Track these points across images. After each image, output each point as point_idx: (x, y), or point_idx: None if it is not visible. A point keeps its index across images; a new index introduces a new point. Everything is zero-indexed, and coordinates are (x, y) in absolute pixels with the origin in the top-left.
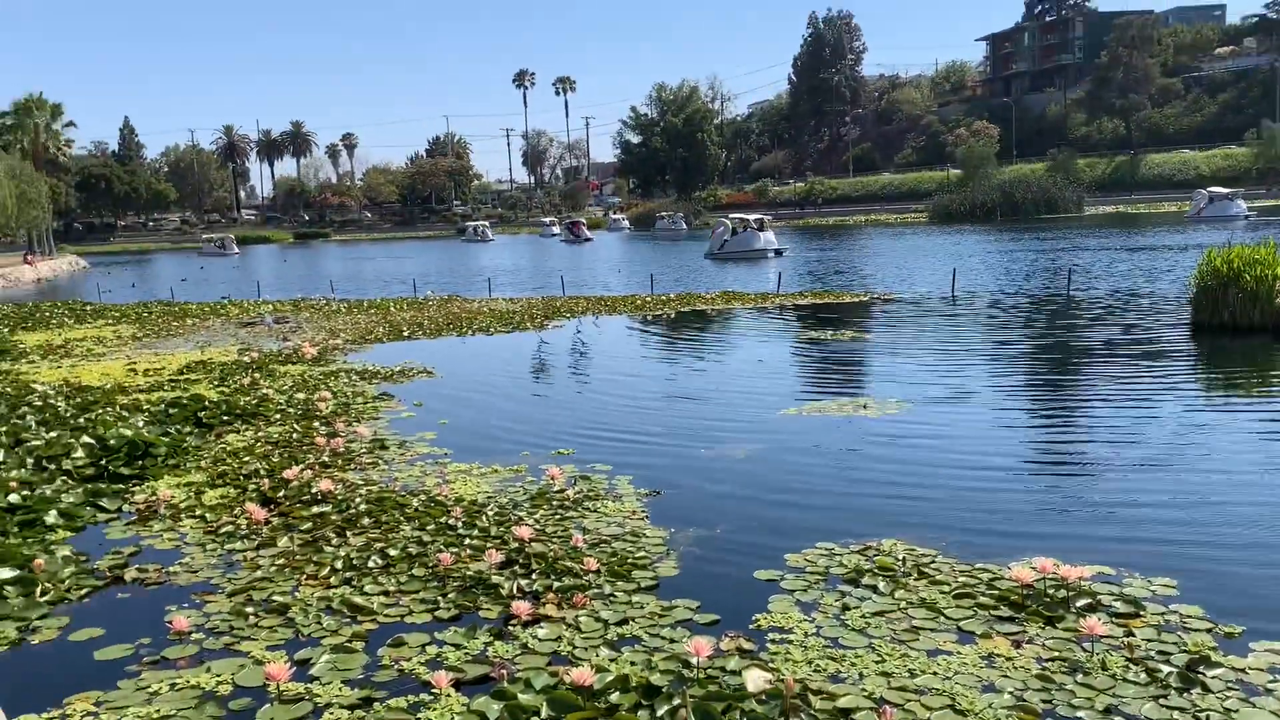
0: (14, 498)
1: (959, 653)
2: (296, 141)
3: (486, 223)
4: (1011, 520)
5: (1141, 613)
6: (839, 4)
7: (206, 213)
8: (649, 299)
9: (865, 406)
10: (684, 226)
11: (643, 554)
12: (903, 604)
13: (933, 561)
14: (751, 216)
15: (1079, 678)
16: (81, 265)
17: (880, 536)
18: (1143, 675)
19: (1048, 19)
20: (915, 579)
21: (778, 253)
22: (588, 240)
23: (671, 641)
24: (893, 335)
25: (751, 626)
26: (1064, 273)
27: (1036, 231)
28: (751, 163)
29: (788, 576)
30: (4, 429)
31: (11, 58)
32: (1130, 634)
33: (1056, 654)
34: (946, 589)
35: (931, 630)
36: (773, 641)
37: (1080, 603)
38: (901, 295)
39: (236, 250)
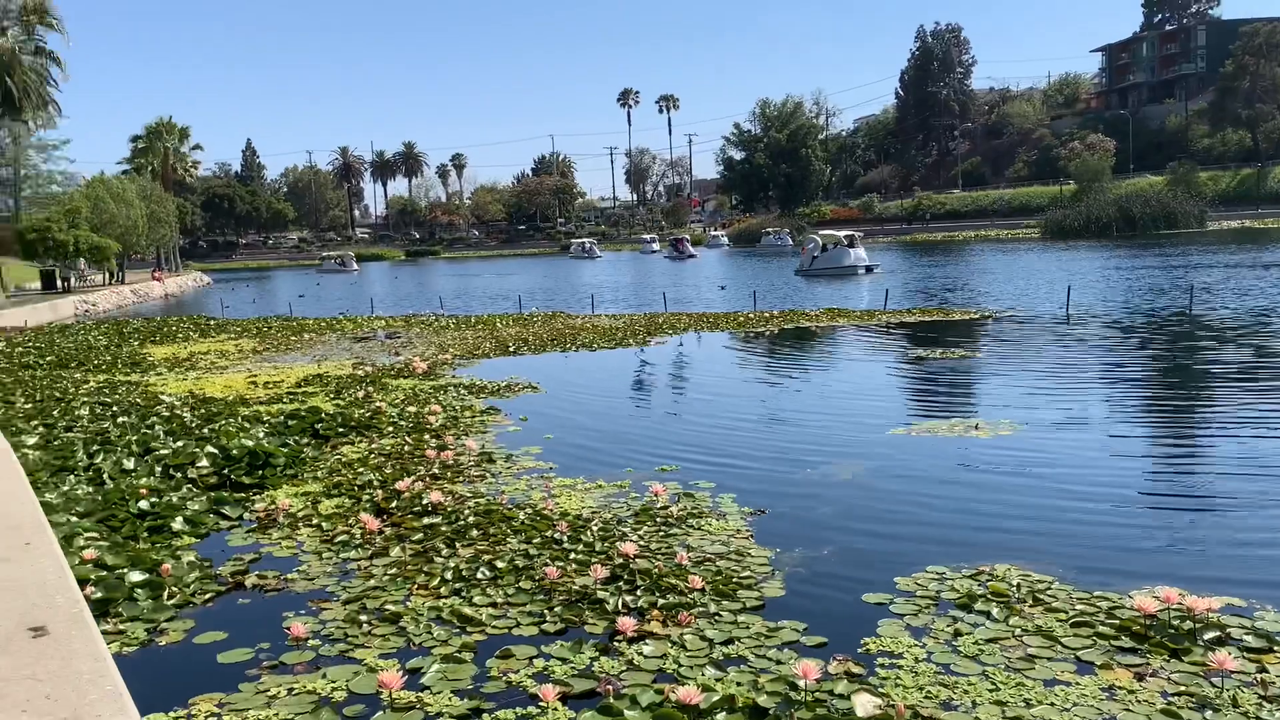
0: (144, 504)
1: (1078, 683)
2: (408, 162)
3: (594, 240)
4: (1131, 549)
5: (1276, 648)
6: (947, 17)
7: (323, 231)
8: (752, 316)
9: (977, 428)
10: (789, 242)
11: (748, 574)
12: (1017, 631)
13: (1048, 588)
14: (842, 233)
15: (1208, 715)
16: (205, 281)
17: (993, 561)
18: (1279, 714)
19: (1167, 28)
20: (1030, 606)
21: (869, 269)
22: (691, 257)
23: (778, 663)
24: (1004, 354)
25: (860, 650)
26: (1186, 291)
27: (1156, 248)
28: (857, 178)
29: (897, 600)
30: (135, 438)
31: (145, 84)
32: (1264, 670)
33: (1183, 688)
34: (1063, 617)
35: (1048, 659)
36: (882, 666)
37: (1208, 635)
38: (1013, 313)
39: (356, 267)
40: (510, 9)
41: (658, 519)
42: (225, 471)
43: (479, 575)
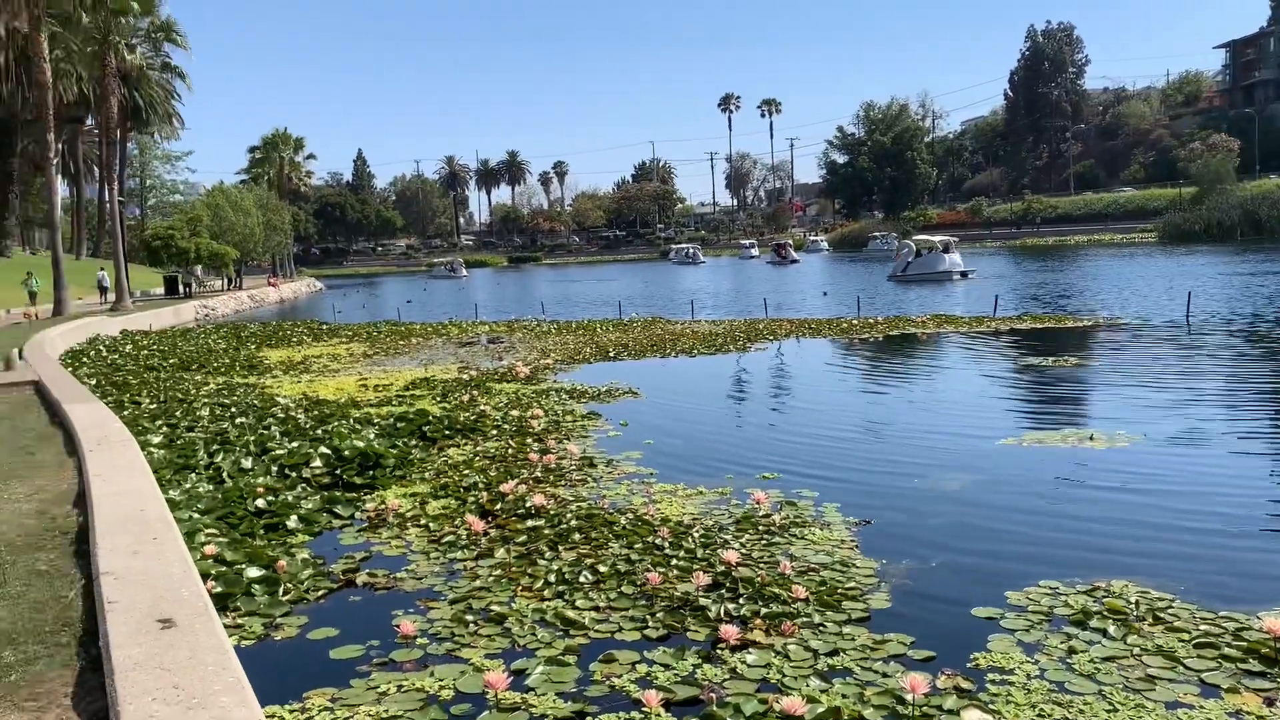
0: (261, 503)
1: (1202, 707)
2: (512, 170)
3: (697, 245)
4: (1258, 569)
5: None
6: (1059, 15)
7: (429, 238)
8: (855, 322)
9: (1091, 439)
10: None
11: (853, 584)
12: (1136, 650)
13: (1169, 606)
14: (937, 238)
15: None
16: (317, 287)
17: (1109, 577)
18: None
19: None
20: (1150, 624)
21: (964, 275)
22: (794, 262)
23: (885, 676)
24: (1120, 363)
25: (970, 665)
26: None
27: None
28: (964, 181)
29: (1008, 615)
30: (252, 438)
31: (262, 97)
32: None
33: None
34: (1186, 637)
35: (1170, 681)
36: (993, 682)
37: None
38: (1129, 320)
39: (465, 273)
40: (613, 18)
41: (760, 527)
42: (337, 471)
43: (581, 579)
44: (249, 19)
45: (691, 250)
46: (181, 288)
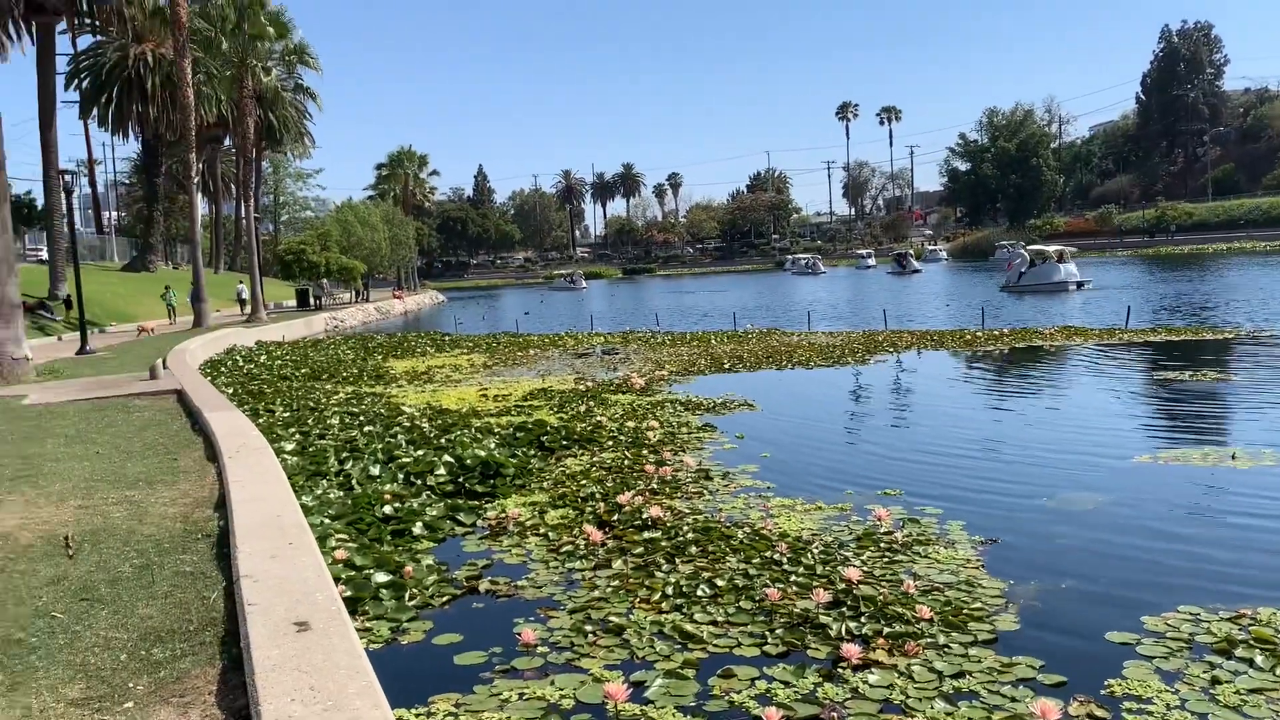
0: (388, 509)
1: None
2: (626, 182)
3: (817, 255)
4: None
5: None
6: (1196, 14)
7: (546, 251)
8: (979, 334)
9: (1234, 457)
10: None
11: (979, 605)
12: None
13: None
14: (1051, 248)
15: None
16: (440, 299)
17: (1255, 604)
18: None
19: None
20: None
21: (1080, 285)
22: (915, 272)
23: (1013, 700)
24: (1266, 378)
25: (1104, 692)
26: None
27: None
28: (1093, 188)
29: (1145, 641)
30: (380, 446)
31: (388, 115)
32: None
33: None
34: None
35: None
36: (1129, 711)
37: None
38: (1275, 333)
39: (584, 285)
40: (728, 29)
41: (881, 544)
42: (460, 480)
43: (699, 592)
44: (376, 41)
45: (811, 260)
46: (312, 300)
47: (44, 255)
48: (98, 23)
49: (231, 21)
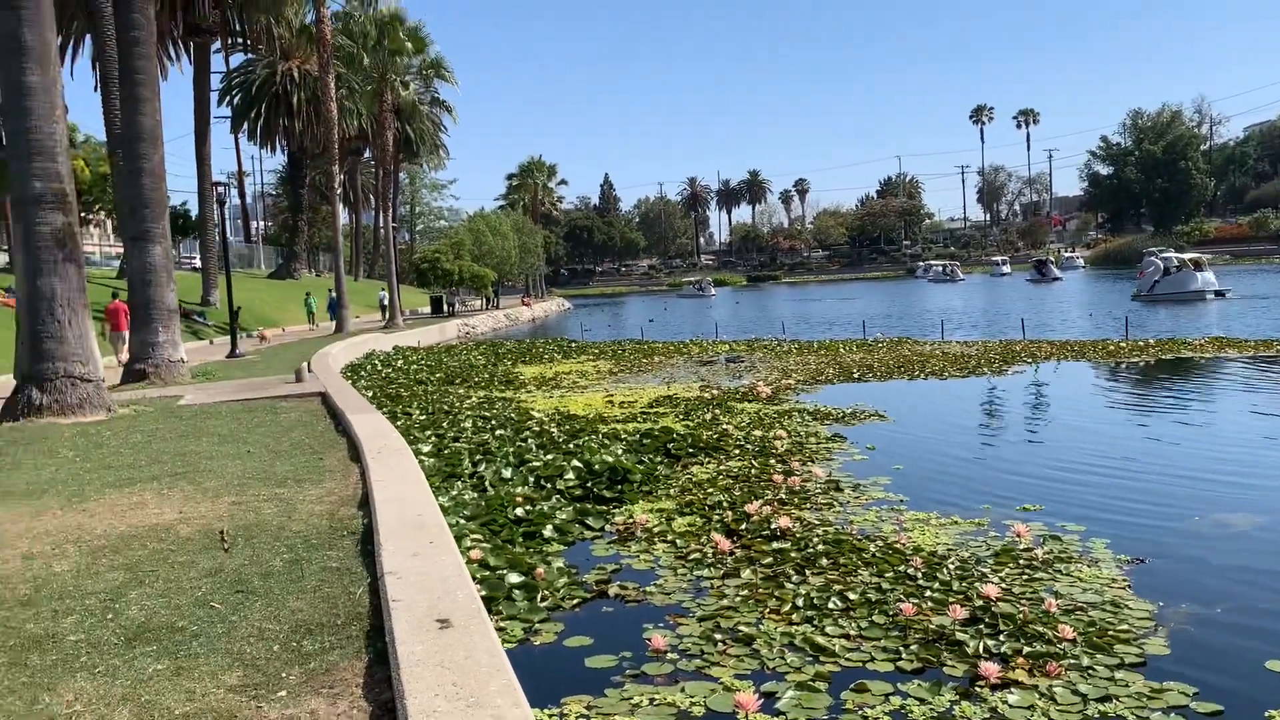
0: (519, 511)
1: None
2: (752, 189)
3: (954, 262)
4: None
5: None
6: None
7: (670, 258)
8: (1123, 344)
9: None
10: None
11: (1125, 627)
12: None
13: None
14: (1188, 255)
15: None
16: (566, 307)
17: None
18: None
19: None
20: None
21: (1219, 294)
22: (1056, 280)
23: None
24: None
25: None
26: None
27: None
28: (1247, 191)
29: None
30: (511, 450)
31: (519, 125)
32: None
33: None
34: None
35: None
36: None
37: None
38: None
39: (713, 292)
40: (855, 32)
41: (1020, 561)
42: (588, 485)
43: (830, 605)
44: (508, 53)
45: (950, 267)
46: (445, 307)
47: (197, 263)
48: (248, 41)
49: (372, 38)
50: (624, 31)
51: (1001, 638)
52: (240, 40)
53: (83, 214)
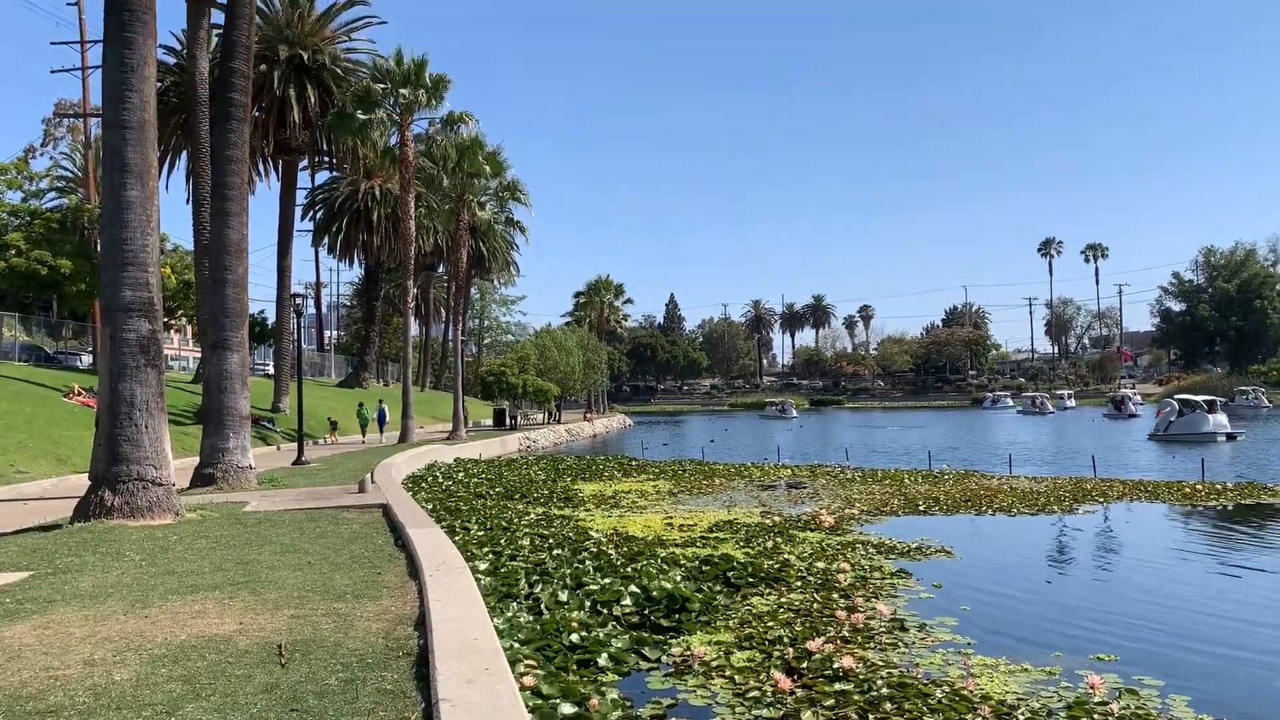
0: (574, 637)
1: None
2: (816, 313)
3: (1044, 395)
4: None
5: None
6: None
7: (732, 378)
8: (1200, 486)
9: None
10: (1265, 403)
11: None
12: None
13: None
14: (1201, 397)
15: None
16: (627, 423)
17: None
18: None
19: None
20: None
21: (1230, 436)
22: (1134, 416)
23: None
24: None
25: None
26: None
27: None
28: None
29: None
30: (569, 571)
31: (588, 244)
32: None
33: None
34: None
35: None
36: None
37: None
38: None
39: (795, 414)
40: (926, 163)
41: (1095, 716)
42: (645, 612)
43: None
44: (579, 175)
45: (1039, 399)
46: (508, 420)
47: (270, 370)
48: (334, 160)
49: (452, 160)
50: (692, 158)
51: None
52: (327, 159)
53: (166, 320)
